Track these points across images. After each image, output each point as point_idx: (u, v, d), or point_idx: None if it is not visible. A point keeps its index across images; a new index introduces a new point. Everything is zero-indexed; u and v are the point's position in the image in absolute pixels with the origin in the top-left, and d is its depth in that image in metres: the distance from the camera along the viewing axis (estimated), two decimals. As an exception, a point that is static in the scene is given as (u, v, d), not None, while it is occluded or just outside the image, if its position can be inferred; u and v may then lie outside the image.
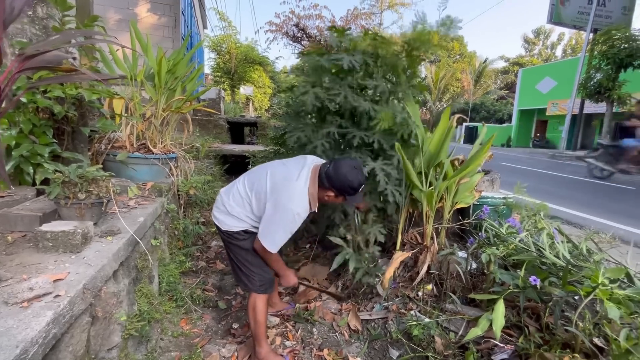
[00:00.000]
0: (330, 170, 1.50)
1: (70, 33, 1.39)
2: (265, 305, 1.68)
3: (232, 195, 1.64)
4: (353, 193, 1.53)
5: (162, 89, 2.62)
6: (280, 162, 1.68)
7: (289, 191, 1.48)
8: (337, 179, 1.49)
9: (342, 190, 1.52)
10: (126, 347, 1.40)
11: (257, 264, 1.67)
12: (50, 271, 1.10)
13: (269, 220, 1.50)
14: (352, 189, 1.51)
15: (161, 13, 6.78)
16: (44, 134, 1.70)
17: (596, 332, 1.24)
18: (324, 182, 1.52)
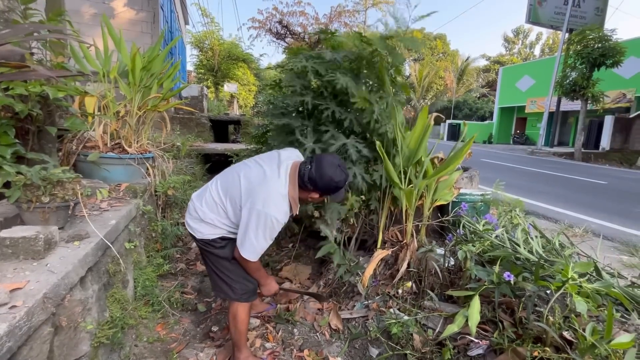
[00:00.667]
0: (313, 171, 1.41)
1: (23, 27, 1.32)
2: (247, 314, 1.63)
3: (204, 200, 1.53)
4: (337, 191, 1.50)
5: (137, 86, 2.53)
6: (253, 161, 1.58)
7: (265, 194, 1.39)
8: (322, 180, 1.41)
9: (327, 191, 1.47)
10: (96, 356, 1.35)
11: (238, 273, 1.59)
12: (8, 280, 1.04)
13: (245, 228, 1.39)
14: (337, 188, 1.46)
15: (139, 8, 6.56)
16: (6, 133, 1.60)
17: (566, 326, 1.27)
18: (306, 185, 1.43)
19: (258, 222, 1.36)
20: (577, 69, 12.05)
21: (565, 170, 9.52)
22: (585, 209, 4.90)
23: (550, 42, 34.99)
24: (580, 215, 4.55)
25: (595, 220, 4.28)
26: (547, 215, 4.52)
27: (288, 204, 1.43)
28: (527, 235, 1.84)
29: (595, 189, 6.69)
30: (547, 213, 4.62)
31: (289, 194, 1.44)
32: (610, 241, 3.46)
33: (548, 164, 11.03)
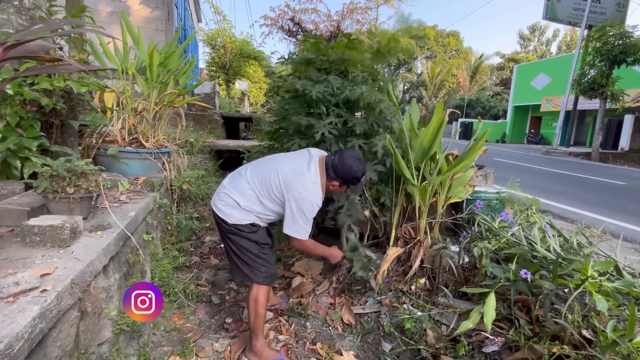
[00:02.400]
0: (336, 161, 1.61)
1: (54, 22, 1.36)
2: (266, 297, 1.70)
3: (239, 189, 1.66)
4: (356, 182, 1.65)
5: (154, 82, 2.58)
6: (286, 157, 1.76)
7: (304, 184, 1.58)
8: (343, 169, 1.59)
9: (346, 180, 1.63)
10: (117, 342, 1.39)
11: (262, 257, 1.69)
12: (38, 266, 1.08)
13: (292, 215, 1.58)
14: (355, 178, 1.62)
15: (154, 6, 6.66)
16: (32, 127, 1.66)
17: (585, 324, 1.26)
18: (330, 173, 1.63)
19: (303, 208, 1.57)
20: (596, 67, 11.71)
21: (582, 170, 9.29)
22: (602, 210, 4.78)
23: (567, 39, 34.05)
24: (598, 216, 4.44)
25: (613, 221, 4.17)
26: (563, 215, 4.43)
27: (320, 188, 1.61)
28: (544, 233, 1.81)
29: (613, 190, 6.51)
30: (563, 213, 4.52)
31: (321, 182, 1.63)
32: (630, 242, 3.37)
33: (564, 164, 10.77)
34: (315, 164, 1.64)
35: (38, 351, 0.88)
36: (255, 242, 1.68)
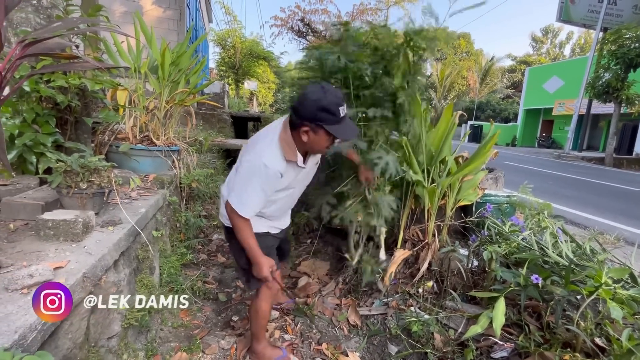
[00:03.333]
0: (295, 102, 1.25)
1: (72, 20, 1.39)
2: (269, 307, 1.63)
3: (227, 183, 1.53)
4: (332, 118, 1.19)
5: (166, 81, 2.61)
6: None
7: (255, 147, 1.32)
8: (302, 104, 1.21)
9: (315, 119, 1.20)
10: (126, 336, 1.41)
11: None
12: (51, 259, 1.10)
13: (234, 180, 1.34)
14: (324, 110, 1.18)
15: (166, 6, 6.76)
16: (47, 123, 1.70)
17: (598, 332, 1.23)
18: (293, 121, 1.26)
19: (248, 170, 1.28)
20: (611, 70, 11.45)
21: (595, 175, 9.10)
22: (616, 216, 4.67)
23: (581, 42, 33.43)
24: (612, 222, 4.34)
25: (628, 228, 4.07)
26: (576, 221, 4.34)
27: (280, 148, 1.27)
28: (556, 239, 1.78)
29: (627, 196, 6.36)
30: (576, 218, 4.43)
31: (280, 137, 1.29)
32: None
33: (576, 168, 10.57)
34: (277, 124, 1.35)
35: (50, 342, 0.90)
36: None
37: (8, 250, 1.14)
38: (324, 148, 1.31)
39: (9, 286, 0.91)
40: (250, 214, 1.34)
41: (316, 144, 1.28)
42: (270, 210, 1.50)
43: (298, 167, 1.37)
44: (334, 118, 1.20)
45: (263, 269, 1.41)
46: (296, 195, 1.59)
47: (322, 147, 1.30)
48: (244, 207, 1.32)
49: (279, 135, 1.29)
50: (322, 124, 1.21)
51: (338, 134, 1.23)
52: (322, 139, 1.26)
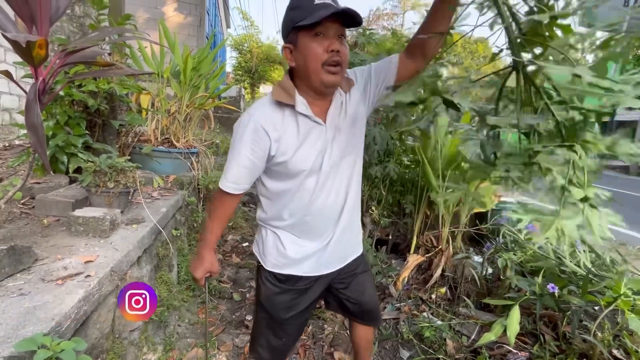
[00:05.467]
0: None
1: (107, 30, 1.48)
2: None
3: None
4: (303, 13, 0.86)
5: (187, 85, 2.71)
6: None
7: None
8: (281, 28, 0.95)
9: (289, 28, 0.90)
10: (146, 330, 1.47)
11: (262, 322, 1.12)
12: (82, 253, 1.17)
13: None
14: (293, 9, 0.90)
15: (187, 12, 6.98)
16: (78, 125, 1.80)
17: (615, 344, 1.20)
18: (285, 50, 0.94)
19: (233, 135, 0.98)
20: (637, 75, 11.06)
21: (618, 184, 8.77)
22: None
23: (605, 46, 32.36)
24: (635, 234, 4.18)
25: (652, 240, 3.91)
26: (596, 231, 4.20)
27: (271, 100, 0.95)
28: (574, 248, 1.75)
29: (653, 206, 6.11)
30: (596, 229, 4.29)
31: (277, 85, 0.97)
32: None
33: (598, 176, 10.21)
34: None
35: (81, 331, 0.96)
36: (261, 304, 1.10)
37: (42, 244, 1.22)
38: (318, 64, 0.88)
39: (45, 277, 0.98)
40: (226, 184, 0.98)
41: (303, 61, 0.90)
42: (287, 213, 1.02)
43: (304, 118, 0.94)
44: (305, 9, 0.86)
45: (198, 267, 1.06)
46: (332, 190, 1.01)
47: (313, 61, 0.89)
48: (225, 177, 0.99)
49: (274, 88, 0.98)
50: (294, 25, 0.88)
51: (313, 18, 0.83)
52: (306, 47, 0.89)
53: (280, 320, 1.08)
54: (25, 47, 0.79)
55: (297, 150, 0.94)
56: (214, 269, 1.09)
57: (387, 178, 2.27)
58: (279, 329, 1.10)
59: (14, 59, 2.67)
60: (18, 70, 2.67)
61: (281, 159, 0.94)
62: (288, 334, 1.12)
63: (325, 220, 1.03)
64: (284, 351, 1.16)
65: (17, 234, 1.27)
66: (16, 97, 3.01)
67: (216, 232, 1.08)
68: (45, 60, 0.89)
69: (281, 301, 1.07)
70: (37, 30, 0.96)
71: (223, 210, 1.05)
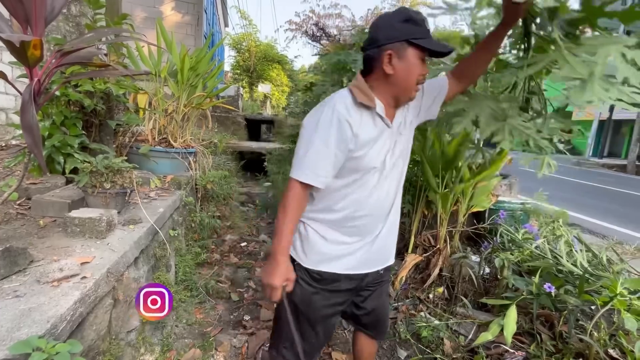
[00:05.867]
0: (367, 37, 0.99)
1: (103, 31, 1.47)
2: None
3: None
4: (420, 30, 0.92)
5: (184, 85, 2.70)
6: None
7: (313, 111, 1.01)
8: (378, 27, 0.96)
9: (399, 35, 0.92)
10: (144, 331, 1.47)
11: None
12: (78, 254, 1.17)
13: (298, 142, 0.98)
14: (409, 21, 0.93)
15: (185, 11, 6.95)
16: (74, 125, 1.79)
17: (612, 343, 1.21)
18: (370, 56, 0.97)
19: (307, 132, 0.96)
20: (634, 74, 11.09)
21: (616, 183, 8.81)
22: (637, 226, 4.52)
23: (603, 45, 32.43)
24: (633, 232, 4.20)
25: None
26: (594, 230, 4.22)
27: (349, 93, 0.98)
28: (571, 247, 1.75)
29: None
30: (594, 228, 4.31)
31: (350, 85, 1.01)
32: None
33: (596, 175, 10.25)
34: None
35: (77, 333, 0.96)
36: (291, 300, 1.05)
37: (38, 245, 1.22)
38: (413, 82, 0.95)
39: (40, 279, 0.98)
40: (308, 175, 0.93)
41: (403, 74, 0.94)
42: (340, 205, 1.01)
43: (379, 119, 0.98)
44: (422, 30, 0.92)
45: (275, 274, 0.95)
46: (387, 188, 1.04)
47: (411, 79, 0.94)
48: (301, 167, 0.94)
49: (349, 85, 1.01)
50: (409, 38, 0.91)
51: (432, 45, 0.92)
52: (411, 65, 0.93)
53: (314, 321, 1.08)
54: (19, 48, 0.78)
55: (372, 148, 0.97)
56: (291, 275, 1.00)
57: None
58: (310, 331, 1.09)
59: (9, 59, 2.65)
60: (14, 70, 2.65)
61: (358, 153, 0.96)
62: (318, 337, 1.11)
63: (376, 218, 1.05)
64: (311, 354, 1.13)
65: (13, 235, 1.27)
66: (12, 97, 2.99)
67: (291, 233, 1.00)
68: (40, 60, 0.89)
69: (317, 301, 1.06)
70: (32, 30, 0.95)
71: (298, 206, 0.98)
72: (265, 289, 0.98)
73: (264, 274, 0.99)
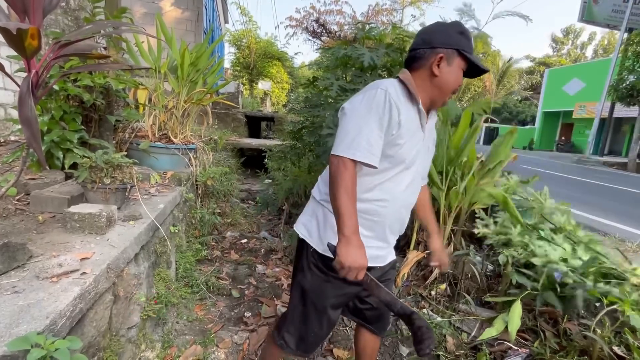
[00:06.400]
0: (414, 42, 1.04)
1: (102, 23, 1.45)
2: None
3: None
4: (469, 45, 1.00)
5: (185, 80, 2.68)
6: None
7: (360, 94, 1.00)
8: (435, 31, 1.01)
9: (453, 43, 0.98)
10: (144, 327, 1.46)
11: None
12: (77, 250, 1.15)
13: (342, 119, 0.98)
14: (463, 34, 1.00)
15: (184, 7, 6.90)
16: (74, 120, 1.77)
17: (616, 341, 1.20)
18: (419, 56, 1.01)
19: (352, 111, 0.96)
20: (636, 72, 11.06)
21: (617, 181, 8.79)
22: (638, 223, 4.51)
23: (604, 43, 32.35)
24: (634, 230, 4.19)
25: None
26: (596, 227, 4.21)
27: (400, 82, 1.01)
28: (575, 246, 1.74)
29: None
30: (596, 225, 4.30)
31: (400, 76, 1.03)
32: (668, 259, 3.16)
33: (597, 173, 10.24)
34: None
35: (77, 329, 0.94)
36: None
37: (37, 240, 1.20)
38: (452, 89, 1.02)
39: (40, 274, 0.96)
40: (363, 153, 0.91)
41: (448, 79, 0.99)
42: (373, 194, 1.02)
43: (419, 115, 1.02)
44: (471, 45, 1.00)
45: (359, 254, 0.89)
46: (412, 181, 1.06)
47: (452, 86, 1.01)
48: (351, 145, 0.91)
49: (398, 76, 1.03)
50: (460, 49, 0.98)
51: (477, 61, 0.99)
52: (455, 73, 1.00)
53: (321, 310, 1.08)
54: (16, 37, 0.76)
55: (410, 139, 0.99)
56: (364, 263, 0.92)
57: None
58: (315, 320, 1.10)
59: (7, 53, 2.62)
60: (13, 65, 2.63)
61: (399, 140, 0.97)
62: (322, 327, 1.12)
63: (397, 218, 1.07)
64: (312, 344, 1.15)
65: (12, 231, 1.25)
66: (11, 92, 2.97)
67: (356, 211, 0.92)
68: (38, 51, 0.87)
69: (328, 290, 1.06)
70: (29, 21, 0.93)
71: (353, 184, 0.92)
72: (351, 271, 0.89)
73: (345, 258, 0.88)
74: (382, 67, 2.22)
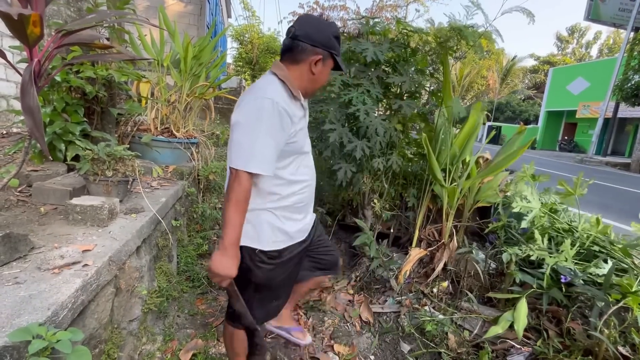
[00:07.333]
0: (297, 30, 1.07)
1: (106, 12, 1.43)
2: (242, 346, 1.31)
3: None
4: (339, 49, 1.12)
5: (187, 74, 2.66)
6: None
7: (246, 96, 1.06)
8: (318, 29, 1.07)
9: (329, 46, 1.09)
10: (146, 321, 1.46)
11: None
12: (79, 242, 1.15)
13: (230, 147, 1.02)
14: (337, 38, 1.11)
15: (187, 1, 6.86)
16: (76, 112, 1.76)
17: (622, 341, 1.19)
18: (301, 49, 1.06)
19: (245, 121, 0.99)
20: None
21: (620, 181, 8.75)
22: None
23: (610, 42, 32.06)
24: (636, 230, 4.17)
25: (653, 237, 3.89)
26: (597, 227, 4.18)
27: (281, 84, 1.07)
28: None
29: (654, 204, 6.09)
30: (597, 225, 4.28)
31: (279, 75, 1.08)
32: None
33: (600, 173, 10.18)
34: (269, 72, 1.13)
35: (78, 321, 0.94)
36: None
37: (39, 232, 1.20)
38: (322, 85, 1.18)
39: (41, 266, 0.96)
40: (258, 166, 0.98)
41: (322, 77, 1.13)
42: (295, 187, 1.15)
43: (302, 109, 1.14)
44: (338, 50, 1.13)
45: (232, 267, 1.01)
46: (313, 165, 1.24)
47: (324, 82, 1.17)
48: (249, 159, 0.97)
49: (277, 74, 1.08)
50: (334, 53, 1.11)
51: (341, 64, 1.15)
52: (327, 72, 1.15)
53: (277, 288, 1.25)
54: (18, 24, 0.75)
55: (301, 130, 1.12)
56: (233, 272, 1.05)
57: (390, 171, 2.24)
58: (272, 299, 1.27)
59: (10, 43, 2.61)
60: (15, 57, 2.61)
61: (294, 138, 1.08)
62: (283, 296, 1.32)
63: (312, 192, 1.27)
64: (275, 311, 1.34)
65: (14, 222, 1.25)
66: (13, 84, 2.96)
67: (242, 225, 1.03)
68: (41, 39, 0.85)
69: (278, 274, 1.20)
70: (32, 8, 0.91)
71: (246, 197, 1.01)
72: (219, 278, 1.03)
73: (216, 265, 1.01)
74: (386, 63, 2.19)
